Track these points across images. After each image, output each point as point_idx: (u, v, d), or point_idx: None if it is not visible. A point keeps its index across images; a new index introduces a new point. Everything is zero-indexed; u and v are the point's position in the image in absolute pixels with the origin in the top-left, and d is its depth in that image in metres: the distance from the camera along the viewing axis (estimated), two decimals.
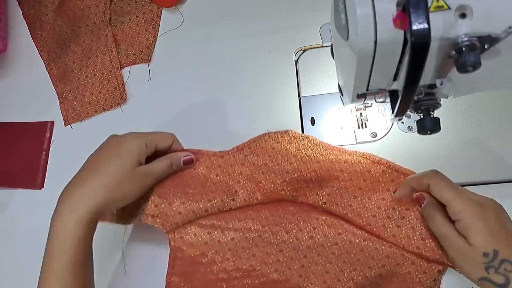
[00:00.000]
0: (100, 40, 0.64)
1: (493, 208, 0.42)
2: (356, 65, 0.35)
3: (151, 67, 0.63)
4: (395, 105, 0.38)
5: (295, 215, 0.49)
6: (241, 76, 0.61)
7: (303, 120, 0.57)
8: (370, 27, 0.32)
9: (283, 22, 0.62)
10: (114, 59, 0.63)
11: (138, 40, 0.65)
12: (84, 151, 0.61)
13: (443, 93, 0.39)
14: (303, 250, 0.48)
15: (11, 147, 0.63)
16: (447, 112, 0.52)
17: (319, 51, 0.59)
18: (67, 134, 0.62)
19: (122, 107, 0.62)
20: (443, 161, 0.52)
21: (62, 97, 0.63)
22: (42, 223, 0.58)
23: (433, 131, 0.40)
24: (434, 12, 0.31)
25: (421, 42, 0.29)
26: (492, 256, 0.39)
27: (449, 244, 0.42)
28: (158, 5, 0.66)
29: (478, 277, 0.40)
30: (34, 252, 0.57)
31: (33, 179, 0.60)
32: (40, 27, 0.68)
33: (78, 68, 0.64)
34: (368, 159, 0.50)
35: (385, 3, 0.31)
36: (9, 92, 0.66)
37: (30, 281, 0.56)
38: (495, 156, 0.52)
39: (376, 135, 0.54)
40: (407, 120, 0.54)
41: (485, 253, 0.39)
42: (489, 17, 0.31)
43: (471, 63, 0.31)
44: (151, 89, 0.62)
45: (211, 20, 0.64)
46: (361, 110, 0.55)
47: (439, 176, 0.44)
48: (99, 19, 0.66)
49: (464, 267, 0.41)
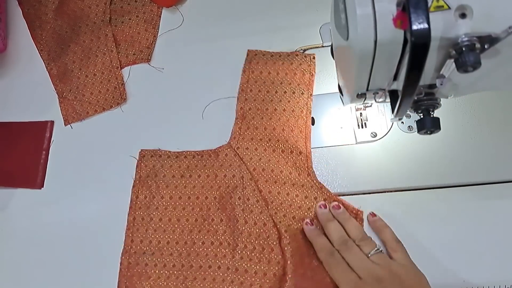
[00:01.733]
0: (100, 39, 0.65)
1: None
2: (356, 65, 0.35)
3: (150, 67, 0.63)
4: (395, 105, 0.38)
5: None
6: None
7: None
8: (370, 27, 0.32)
9: (283, 22, 0.62)
10: (114, 59, 0.63)
11: (138, 40, 0.65)
12: (84, 151, 0.61)
13: (443, 93, 0.39)
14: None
15: (11, 147, 0.63)
16: (447, 112, 0.52)
17: (319, 51, 0.59)
18: (67, 134, 0.62)
19: (122, 107, 0.62)
20: (443, 161, 0.52)
21: (62, 96, 0.63)
22: (42, 223, 0.59)
23: (433, 131, 0.40)
24: (434, 12, 0.31)
25: (421, 42, 0.29)
26: None
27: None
28: (158, 5, 0.66)
29: None
30: (34, 252, 0.57)
31: (33, 178, 0.60)
32: (40, 27, 0.68)
33: (78, 68, 0.64)
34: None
35: (385, 3, 0.31)
36: (9, 92, 0.66)
37: (30, 281, 0.56)
38: (495, 156, 0.52)
39: (376, 135, 0.54)
40: (407, 120, 0.54)
41: None
42: (489, 17, 0.31)
43: (471, 63, 0.31)
44: (151, 89, 0.62)
45: (211, 20, 0.64)
46: (361, 110, 0.55)
47: (331, 253, 0.47)
48: (99, 19, 0.66)
49: None
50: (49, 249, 0.57)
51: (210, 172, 0.55)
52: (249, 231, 0.50)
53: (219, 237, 0.52)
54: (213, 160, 0.56)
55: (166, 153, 0.57)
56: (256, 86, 0.57)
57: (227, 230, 0.52)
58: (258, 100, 0.57)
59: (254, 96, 0.57)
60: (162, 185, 0.56)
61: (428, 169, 0.52)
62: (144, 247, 0.53)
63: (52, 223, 0.58)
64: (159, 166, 0.57)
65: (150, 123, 0.60)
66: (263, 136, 0.55)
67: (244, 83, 0.58)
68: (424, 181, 0.52)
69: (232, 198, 0.52)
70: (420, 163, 0.52)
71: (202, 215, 0.53)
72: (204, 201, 0.54)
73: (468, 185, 0.51)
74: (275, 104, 0.56)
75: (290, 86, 0.57)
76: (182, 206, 0.54)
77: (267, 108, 0.56)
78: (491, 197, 0.41)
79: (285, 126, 0.55)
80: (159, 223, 0.54)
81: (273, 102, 0.56)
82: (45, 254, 0.57)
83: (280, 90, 0.57)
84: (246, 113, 0.57)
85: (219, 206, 0.53)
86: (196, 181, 0.55)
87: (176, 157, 0.57)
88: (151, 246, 0.53)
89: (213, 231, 0.52)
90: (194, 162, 0.56)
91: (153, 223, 0.54)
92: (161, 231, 0.54)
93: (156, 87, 0.62)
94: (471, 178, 0.51)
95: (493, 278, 0.47)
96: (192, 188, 0.55)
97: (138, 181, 0.56)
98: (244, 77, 0.58)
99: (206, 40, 0.64)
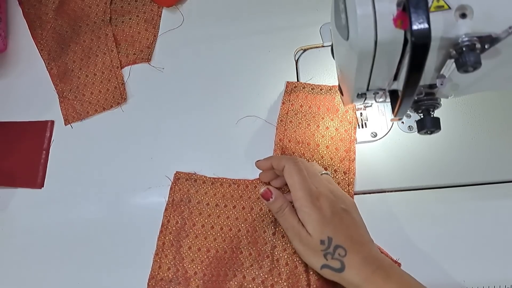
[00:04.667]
0: (101, 39, 0.65)
1: (327, 197, 0.45)
2: (356, 65, 0.35)
3: (151, 67, 0.63)
4: (395, 105, 0.38)
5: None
6: (241, 76, 0.61)
7: None
8: (370, 27, 0.32)
9: (283, 22, 0.62)
10: (114, 59, 0.63)
11: (139, 39, 0.65)
12: (84, 151, 0.61)
13: (443, 93, 0.39)
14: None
15: (11, 147, 0.63)
16: (447, 112, 0.53)
17: (319, 51, 0.59)
18: (68, 134, 0.62)
19: (122, 107, 0.62)
20: (443, 161, 0.52)
21: (62, 96, 0.63)
22: (42, 223, 0.59)
23: (433, 131, 0.40)
24: (435, 12, 0.31)
25: (421, 42, 0.29)
26: (327, 242, 0.43)
27: (293, 235, 0.45)
28: (158, 4, 0.66)
29: (319, 265, 0.43)
30: (34, 252, 0.57)
31: (33, 178, 0.60)
32: (41, 27, 0.68)
33: (78, 68, 0.64)
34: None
35: (386, 3, 0.31)
36: (9, 92, 0.66)
37: (30, 280, 0.56)
38: (495, 156, 0.52)
39: (376, 135, 0.54)
40: (407, 120, 0.54)
41: (322, 240, 0.43)
42: (489, 17, 0.31)
43: (471, 63, 0.31)
44: (151, 88, 0.62)
45: (211, 20, 0.64)
46: (361, 110, 0.55)
47: (295, 161, 0.47)
48: (99, 19, 0.66)
49: (308, 258, 0.44)
50: (49, 249, 0.57)
51: (246, 204, 0.53)
52: (279, 270, 0.48)
53: (244, 270, 0.50)
54: (250, 192, 0.53)
55: (201, 178, 0.55)
56: (297, 118, 0.56)
57: (255, 264, 0.50)
58: (298, 132, 0.55)
59: (295, 127, 0.55)
60: (195, 212, 0.54)
61: (428, 169, 0.52)
62: (171, 274, 0.51)
63: (52, 223, 0.58)
64: (194, 191, 0.55)
65: (150, 123, 0.60)
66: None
67: (283, 114, 0.56)
68: (424, 181, 0.52)
69: (265, 232, 0.51)
70: (420, 163, 0.52)
71: (232, 247, 0.51)
72: (236, 233, 0.52)
73: (468, 185, 0.51)
74: (318, 139, 0.54)
75: (332, 122, 0.55)
76: (213, 236, 0.52)
77: (309, 143, 0.54)
78: (491, 197, 0.41)
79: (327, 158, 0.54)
80: (188, 251, 0.52)
81: (315, 137, 0.55)
82: (45, 254, 0.57)
83: (322, 125, 0.55)
84: (286, 145, 0.55)
85: (251, 240, 0.51)
86: (230, 212, 0.53)
87: (211, 184, 0.55)
88: (178, 275, 0.51)
89: (240, 263, 0.50)
90: (230, 192, 0.54)
91: (182, 250, 0.52)
92: (189, 260, 0.52)
93: (156, 86, 0.62)
94: (471, 178, 0.51)
95: (493, 278, 0.47)
96: (226, 219, 0.53)
97: (171, 204, 0.54)
98: (284, 108, 0.57)
99: (206, 40, 0.64)
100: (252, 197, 0.53)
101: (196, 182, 0.55)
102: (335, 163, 0.53)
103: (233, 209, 0.53)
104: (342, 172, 0.53)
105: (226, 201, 0.54)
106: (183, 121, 0.60)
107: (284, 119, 0.56)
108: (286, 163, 0.47)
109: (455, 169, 0.52)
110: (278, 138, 0.55)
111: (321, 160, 0.54)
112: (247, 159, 0.56)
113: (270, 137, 0.56)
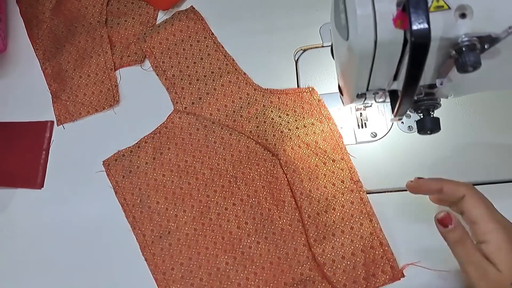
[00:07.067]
0: (96, 41, 0.64)
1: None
2: (356, 65, 0.35)
3: (144, 69, 0.63)
4: (395, 105, 0.38)
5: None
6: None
7: None
8: (370, 27, 0.32)
9: (283, 22, 0.62)
10: (108, 61, 0.63)
11: (133, 42, 0.64)
12: (85, 151, 0.61)
13: (443, 93, 0.39)
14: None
15: (11, 147, 0.63)
16: (447, 112, 0.52)
17: (319, 51, 0.59)
18: (67, 134, 0.62)
19: (115, 109, 0.62)
20: (443, 161, 0.52)
21: (56, 96, 0.63)
22: (42, 223, 0.59)
23: (433, 131, 0.40)
24: (434, 12, 0.31)
25: (421, 42, 0.29)
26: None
27: (476, 271, 0.38)
28: (154, 7, 0.66)
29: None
30: (34, 252, 0.57)
31: (33, 178, 0.60)
32: (37, 26, 0.67)
33: (72, 68, 0.63)
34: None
35: (385, 3, 0.31)
36: (9, 92, 0.66)
37: (30, 280, 0.56)
38: (495, 156, 0.52)
39: (376, 135, 0.54)
40: (407, 120, 0.54)
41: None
42: (489, 17, 0.31)
43: (471, 63, 0.31)
44: (143, 90, 0.62)
45: (209, 21, 0.64)
46: (361, 110, 0.55)
47: (476, 190, 0.41)
48: (95, 20, 0.65)
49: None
50: (49, 249, 0.57)
51: (178, 141, 0.57)
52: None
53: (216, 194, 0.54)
54: (172, 131, 0.58)
55: (127, 149, 0.58)
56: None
57: (224, 193, 0.55)
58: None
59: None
60: (142, 174, 0.56)
61: (428, 169, 0.52)
62: (157, 232, 0.54)
63: (52, 223, 0.58)
64: (128, 162, 0.57)
65: (142, 125, 0.59)
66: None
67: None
68: None
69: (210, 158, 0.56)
70: (420, 163, 0.52)
71: (194, 178, 0.56)
72: (192, 163, 0.56)
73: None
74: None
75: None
76: (171, 180, 0.56)
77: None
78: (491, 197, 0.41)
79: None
80: (157, 206, 0.55)
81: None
82: (45, 254, 0.57)
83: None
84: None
85: (209, 165, 0.56)
86: (169, 155, 0.57)
87: (138, 147, 0.58)
88: (162, 228, 0.54)
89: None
90: (157, 141, 0.58)
91: (153, 208, 0.55)
92: (163, 210, 0.55)
93: (148, 89, 0.62)
94: (471, 178, 0.51)
95: None
96: (168, 162, 0.56)
97: (117, 187, 0.57)
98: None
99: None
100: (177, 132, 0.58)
101: (124, 156, 0.58)
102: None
103: (168, 151, 0.57)
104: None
105: (160, 150, 0.57)
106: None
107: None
108: (466, 192, 0.40)
109: (455, 169, 0.52)
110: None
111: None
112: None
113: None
